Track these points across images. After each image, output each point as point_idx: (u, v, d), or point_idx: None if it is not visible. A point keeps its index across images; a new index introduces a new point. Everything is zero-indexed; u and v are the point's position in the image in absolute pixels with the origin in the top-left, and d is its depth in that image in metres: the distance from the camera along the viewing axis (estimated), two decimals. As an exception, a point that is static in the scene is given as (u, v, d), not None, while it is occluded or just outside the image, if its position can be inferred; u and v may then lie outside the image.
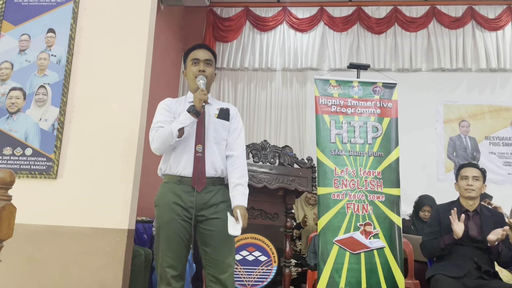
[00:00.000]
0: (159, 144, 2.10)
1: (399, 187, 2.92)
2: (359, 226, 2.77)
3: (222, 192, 2.19)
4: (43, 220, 2.57)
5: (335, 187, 2.78)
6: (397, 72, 6.57)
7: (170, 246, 2.06)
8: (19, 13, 2.82)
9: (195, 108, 2.09)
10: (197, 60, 2.25)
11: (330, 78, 2.99)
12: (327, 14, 6.77)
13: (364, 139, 2.91)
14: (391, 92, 3.06)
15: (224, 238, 2.11)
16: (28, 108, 2.70)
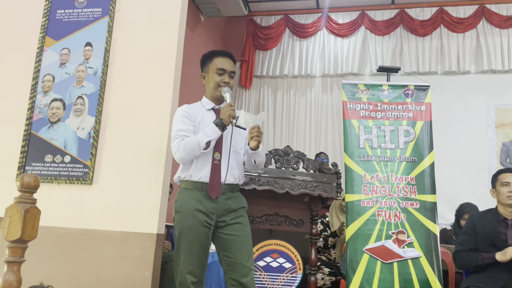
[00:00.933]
0: (184, 153, 2.11)
1: (435, 193, 2.77)
2: (391, 234, 2.66)
3: (240, 198, 2.23)
4: (80, 223, 2.69)
5: (365, 193, 2.70)
6: (443, 75, 6.31)
7: (191, 252, 2.07)
8: (60, 28, 3.00)
9: (223, 122, 2.11)
10: (223, 71, 2.23)
11: (359, 82, 2.92)
12: (368, 18, 6.65)
13: (396, 144, 2.81)
14: (424, 94, 2.94)
15: (244, 242, 2.13)
16: (67, 118, 2.86)
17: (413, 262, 2.62)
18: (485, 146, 6.00)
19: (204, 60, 2.33)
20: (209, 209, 2.09)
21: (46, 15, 3.05)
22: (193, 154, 2.11)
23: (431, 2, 6.48)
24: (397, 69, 3.10)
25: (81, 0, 3.02)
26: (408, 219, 2.68)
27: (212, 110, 2.28)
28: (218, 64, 2.25)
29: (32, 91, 2.96)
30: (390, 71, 3.07)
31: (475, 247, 2.48)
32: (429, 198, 2.74)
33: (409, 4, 6.58)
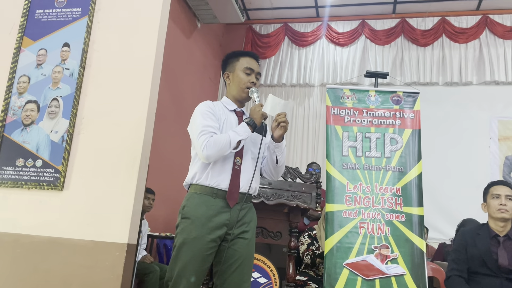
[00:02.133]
0: (214, 151, 1.93)
1: (422, 206, 2.61)
2: (373, 248, 2.50)
3: (252, 211, 2.08)
4: (48, 231, 2.56)
5: (347, 204, 2.54)
6: (445, 86, 6.17)
7: (192, 266, 1.88)
8: (38, 28, 2.91)
9: (255, 122, 1.99)
10: (251, 71, 2.12)
11: (344, 87, 2.79)
12: (368, 27, 6.55)
13: (381, 152, 2.66)
14: (413, 101, 2.79)
15: (247, 262, 1.97)
16: (41, 120, 2.74)
17: (397, 279, 2.44)
18: (488, 160, 5.82)
19: (229, 59, 2.22)
20: (222, 220, 1.93)
21: (25, 15, 2.96)
22: (222, 153, 1.94)
23: (433, 12, 6.37)
24: (385, 74, 2.97)
25: (61, 0, 2.93)
26: (393, 233, 2.52)
27: (234, 112, 2.15)
28: (246, 64, 2.14)
29: (7, 92, 2.85)
30: (377, 77, 2.93)
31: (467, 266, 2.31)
32: (416, 211, 2.58)
33: (410, 14, 6.47)
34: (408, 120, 2.74)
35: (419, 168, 2.68)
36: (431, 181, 5.85)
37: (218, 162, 1.99)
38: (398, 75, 6.31)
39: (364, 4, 6.46)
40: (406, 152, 2.68)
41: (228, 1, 5.40)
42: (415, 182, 2.63)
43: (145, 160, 2.61)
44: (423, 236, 2.57)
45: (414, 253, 2.50)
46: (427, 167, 5.83)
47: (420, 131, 2.74)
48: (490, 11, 6.18)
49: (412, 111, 2.77)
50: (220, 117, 2.08)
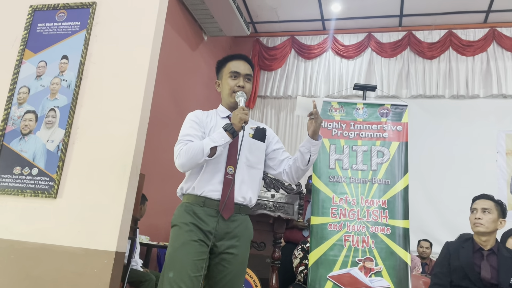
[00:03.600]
0: (185, 160, 1.86)
1: (407, 218, 2.59)
2: (357, 261, 2.48)
3: (246, 224, 1.98)
4: (41, 238, 2.62)
5: (332, 216, 2.54)
6: (451, 98, 6.12)
7: (183, 272, 1.79)
8: (39, 41, 3.01)
9: (233, 127, 1.86)
10: (237, 74, 2.03)
11: (333, 100, 2.80)
12: (375, 40, 6.56)
13: (368, 165, 2.66)
14: (401, 114, 2.79)
15: (236, 279, 1.89)
16: (38, 130, 2.83)
17: None
18: (495, 174, 5.73)
19: (219, 66, 2.16)
20: (208, 228, 1.85)
21: (28, 28, 3.07)
22: (195, 161, 1.86)
23: (440, 25, 6.35)
24: (374, 87, 2.98)
25: (61, 14, 3.04)
26: (377, 246, 2.50)
27: (227, 118, 2.06)
28: (232, 68, 2.06)
29: (8, 102, 2.95)
30: (366, 89, 2.94)
31: (449, 279, 2.29)
32: (401, 223, 2.56)
33: (417, 27, 6.47)
34: (395, 133, 2.74)
35: (406, 180, 2.67)
36: (437, 195, 5.79)
37: (207, 171, 1.92)
38: (404, 87, 6.29)
39: (370, 17, 6.48)
40: (393, 164, 2.67)
41: (233, 15, 5.48)
42: (401, 195, 2.62)
43: (135, 169, 2.66)
44: (408, 249, 2.54)
45: (399, 266, 2.48)
46: (432, 180, 5.80)
47: (407, 144, 2.73)
48: (497, 24, 6.13)
49: (399, 123, 2.76)
50: (207, 125, 2.01)
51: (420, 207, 5.81)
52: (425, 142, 5.96)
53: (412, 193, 5.77)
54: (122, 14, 2.93)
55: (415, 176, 5.88)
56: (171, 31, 5.34)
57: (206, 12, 5.50)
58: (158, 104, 4.77)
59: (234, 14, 5.45)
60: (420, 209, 5.80)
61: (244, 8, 6.46)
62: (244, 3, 6.38)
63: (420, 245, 5.32)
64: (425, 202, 5.75)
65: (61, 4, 3.03)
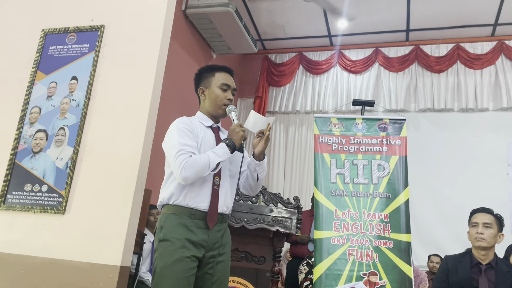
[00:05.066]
0: (191, 173, 1.85)
1: (409, 232, 2.60)
2: (362, 275, 2.49)
3: (228, 232, 2.04)
4: (50, 253, 2.70)
5: (335, 230, 2.56)
6: (460, 112, 6.10)
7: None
8: (50, 63, 3.15)
9: (235, 144, 1.93)
10: (227, 87, 2.08)
11: (332, 116, 2.85)
12: (382, 55, 6.61)
13: (369, 179, 2.68)
14: (400, 128, 2.82)
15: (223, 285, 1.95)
16: (48, 148, 2.94)
17: None
18: (506, 188, 5.63)
19: (203, 74, 2.18)
20: (200, 241, 1.87)
21: (40, 51, 3.21)
22: (201, 175, 1.87)
23: (447, 39, 6.37)
24: (372, 103, 3.02)
25: (71, 37, 3.17)
26: (381, 260, 2.51)
27: (210, 128, 2.11)
28: (222, 80, 2.09)
29: (20, 122, 3.08)
30: (364, 105, 2.99)
31: (448, 294, 2.29)
32: (404, 237, 2.57)
33: (424, 41, 6.50)
34: (395, 147, 2.77)
35: (406, 194, 2.69)
36: (447, 209, 5.74)
37: (196, 182, 1.92)
38: (412, 101, 6.31)
39: (377, 32, 6.54)
40: (393, 178, 2.70)
41: (240, 33, 5.60)
42: (402, 208, 2.64)
43: (140, 186, 2.73)
44: (411, 263, 2.55)
45: (402, 280, 2.48)
46: (443, 194, 5.75)
47: (406, 158, 2.76)
48: (505, 37, 6.13)
49: (398, 137, 2.79)
50: (198, 135, 2.02)
51: (431, 221, 5.77)
52: (434, 156, 5.94)
53: (422, 207, 5.79)
54: (128, 36, 3.05)
55: (425, 190, 5.87)
56: (180, 49, 5.48)
57: (214, 31, 5.63)
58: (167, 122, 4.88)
59: (242, 33, 5.56)
60: (431, 223, 5.75)
61: (252, 26, 6.59)
62: (252, 21, 6.51)
63: (430, 260, 5.26)
64: (435, 216, 5.70)
65: (71, 28, 3.17)
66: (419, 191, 5.85)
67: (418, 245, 5.57)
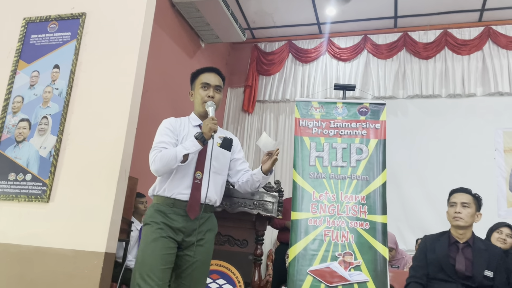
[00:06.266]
0: (160, 166, 2.04)
1: (385, 214, 2.64)
2: (337, 255, 2.53)
3: (211, 220, 2.16)
4: (35, 241, 2.72)
5: (313, 212, 2.60)
6: (448, 98, 6.14)
7: (152, 266, 1.96)
8: (32, 52, 3.13)
9: (204, 136, 2.05)
10: (207, 85, 2.22)
11: (313, 100, 2.87)
12: (370, 42, 6.61)
13: (347, 162, 2.71)
14: (379, 112, 2.84)
15: (201, 268, 2.07)
16: (31, 137, 2.94)
17: (360, 286, 2.47)
18: (493, 172, 5.71)
19: (192, 78, 2.36)
20: (178, 227, 2.03)
21: (21, 40, 3.19)
22: (169, 167, 2.05)
23: (435, 25, 6.38)
24: (353, 86, 3.04)
25: (53, 25, 3.16)
26: (357, 240, 2.55)
27: (198, 127, 2.24)
28: (203, 79, 2.26)
29: (3, 112, 3.07)
30: (345, 89, 3.00)
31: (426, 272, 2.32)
32: (380, 219, 2.61)
33: (412, 28, 6.50)
34: (374, 131, 2.79)
35: (384, 177, 2.72)
36: (435, 194, 5.78)
37: (177, 175, 2.09)
38: (400, 88, 6.33)
39: (366, 19, 6.53)
40: (371, 161, 2.73)
41: (228, 22, 5.58)
42: (379, 191, 2.67)
43: (124, 173, 2.74)
44: (386, 244, 2.59)
45: (377, 261, 2.52)
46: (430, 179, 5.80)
47: (385, 141, 2.78)
48: (492, 22, 6.14)
49: (378, 121, 2.81)
50: (180, 133, 2.19)
51: (419, 206, 5.82)
52: (423, 142, 5.98)
53: (411, 192, 5.85)
54: (110, 24, 3.04)
55: (413, 176, 5.92)
56: (168, 39, 5.46)
57: (201, 20, 5.61)
58: (156, 111, 4.88)
59: (229, 21, 5.54)
60: (419, 208, 5.81)
61: (241, 15, 6.56)
62: (241, 9, 6.48)
63: (418, 244, 5.32)
64: (424, 201, 5.75)
65: (52, 16, 3.15)
66: (408, 176, 5.90)
67: (407, 229, 5.63)
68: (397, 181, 5.81)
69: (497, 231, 3.13)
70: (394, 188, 5.87)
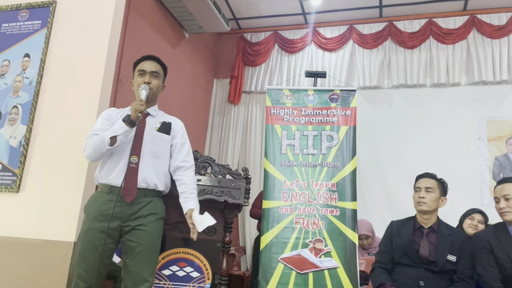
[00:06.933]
0: (90, 151, 2.13)
1: (355, 200, 2.64)
2: (308, 243, 2.53)
3: (153, 204, 2.15)
4: (5, 231, 2.71)
5: (284, 200, 2.59)
6: (432, 87, 6.12)
7: (84, 256, 2.05)
8: (3, 41, 3.10)
9: (130, 117, 2.08)
10: (143, 72, 2.28)
11: (284, 88, 2.85)
12: (356, 32, 6.58)
13: (318, 149, 2.71)
14: (350, 99, 2.83)
15: (146, 252, 2.07)
16: (1, 127, 2.91)
17: (330, 272, 2.47)
18: (477, 161, 5.72)
19: (133, 69, 2.39)
20: (114, 214, 2.07)
21: (-8, 29, 3.14)
22: (99, 151, 2.12)
23: (420, 14, 6.35)
24: (324, 73, 3.02)
25: (24, 14, 3.11)
26: (327, 227, 2.56)
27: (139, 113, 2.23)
28: (139, 67, 2.32)
29: (-26, 102, 3.02)
30: (316, 76, 2.98)
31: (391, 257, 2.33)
32: (350, 205, 2.61)
33: (397, 17, 6.47)
34: (344, 117, 2.78)
35: (354, 163, 2.71)
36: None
37: (112, 161, 2.14)
38: (385, 78, 6.31)
39: (351, 9, 6.49)
40: (342, 148, 2.72)
41: (210, 11, 5.53)
42: (349, 178, 2.67)
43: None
44: (356, 230, 2.59)
45: (347, 246, 2.53)
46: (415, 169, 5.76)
47: (355, 128, 2.77)
48: (477, 11, 6.13)
49: (348, 108, 2.80)
50: (116, 121, 2.22)
51: (404, 196, 5.80)
52: (407, 132, 5.98)
53: (396, 182, 5.85)
54: (80, 11, 3.00)
55: (398, 166, 5.92)
56: (149, 29, 5.40)
57: (183, 10, 5.55)
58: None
59: (212, 11, 5.49)
60: (404, 198, 5.80)
61: (226, 4, 6.50)
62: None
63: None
64: (407, 190, 5.72)
65: (23, 4, 3.11)
66: (392, 166, 5.91)
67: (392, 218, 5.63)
68: (382, 171, 5.83)
69: (469, 217, 3.14)
70: (379, 178, 5.89)
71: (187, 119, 6.38)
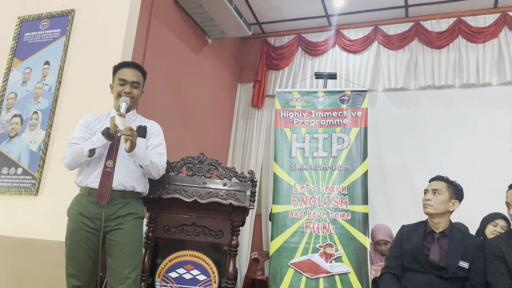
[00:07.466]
0: (69, 160, 2.21)
1: (367, 204, 2.55)
2: (318, 247, 2.47)
3: (131, 205, 2.22)
4: (25, 233, 2.80)
5: (294, 204, 2.54)
6: (462, 88, 5.90)
7: (72, 255, 2.13)
8: (25, 50, 3.22)
9: (109, 131, 2.16)
10: (124, 81, 2.29)
11: (293, 90, 2.81)
12: (381, 33, 6.44)
13: (328, 152, 2.64)
14: (361, 100, 2.75)
15: (124, 249, 2.12)
16: (23, 132, 3.02)
17: (341, 278, 2.40)
18: (510, 164, 5.46)
19: (113, 72, 2.40)
20: (93, 215, 2.14)
21: (16, 38, 3.28)
22: (77, 161, 2.20)
23: (448, 13, 6.15)
24: (334, 74, 2.95)
25: (45, 23, 3.23)
26: (338, 231, 2.49)
27: None
28: (120, 75, 2.32)
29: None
30: (327, 78, 2.92)
31: (401, 263, 2.23)
32: (361, 209, 2.53)
33: (424, 17, 6.30)
34: (355, 119, 2.71)
35: (365, 166, 2.63)
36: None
37: (90, 166, 2.21)
38: (412, 79, 6.14)
39: (376, 10, 6.37)
40: (352, 150, 2.65)
41: (232, 17, 5.55)
42: (360, 181, 2.59)
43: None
44: (367, 234, 2.50)
45: (359, 251, 2.45)
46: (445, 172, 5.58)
47: (366, 129, 2.69)
48: (509, 8, 5.87)
49: (359, 109, 2.73)
50: (94, 128, 2.29)
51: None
52: (435, 134, 5.79)
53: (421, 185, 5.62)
54: (98, 20, 3.08)
55: (425, 168, 5.73)
56: (171, 35, 5.48)
57: (205, 15, 5.60)
58: (161, 108, 4.91)
59: (233, 16, 5.52)
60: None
61: (248, 9, 6.53)
62: (248, 4, 6.45)
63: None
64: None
65: (44, 14, 3.23)
66: (419, 170, 5.72)
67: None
68: (408, 174, 5.67)
69: (492, 223, 2.98)
70: (405, 181, 5.72)
71: (210, 123, 6.43)
